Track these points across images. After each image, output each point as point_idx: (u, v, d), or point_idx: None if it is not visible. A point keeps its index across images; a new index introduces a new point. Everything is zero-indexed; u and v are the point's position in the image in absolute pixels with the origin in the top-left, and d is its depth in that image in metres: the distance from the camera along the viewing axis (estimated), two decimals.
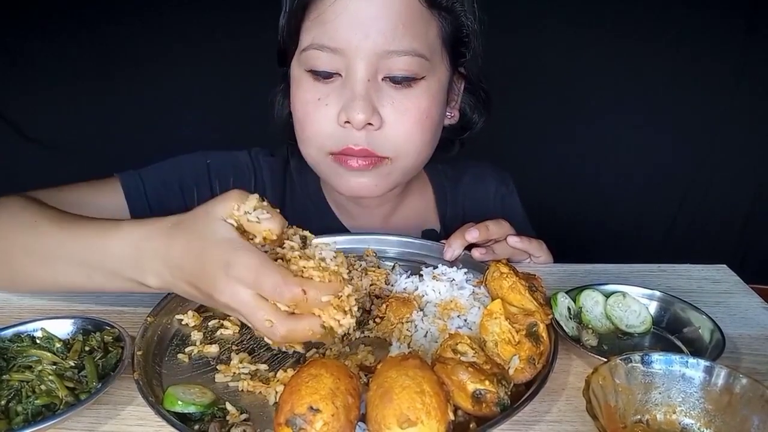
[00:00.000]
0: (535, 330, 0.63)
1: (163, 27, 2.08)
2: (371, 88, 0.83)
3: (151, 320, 0.72)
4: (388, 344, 0.70)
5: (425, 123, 0.88)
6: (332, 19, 0.81)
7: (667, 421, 0.56)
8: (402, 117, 0.85)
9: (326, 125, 0.86)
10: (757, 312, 0.79)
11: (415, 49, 0.82)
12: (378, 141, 0.86)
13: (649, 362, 0.56)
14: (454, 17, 0.87)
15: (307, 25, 0.84)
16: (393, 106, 0.84)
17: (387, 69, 0.83)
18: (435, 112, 0.89)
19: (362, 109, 0.81)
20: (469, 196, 1.15)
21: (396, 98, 0.84)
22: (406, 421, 0.48)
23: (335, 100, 0.84)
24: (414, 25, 0.82)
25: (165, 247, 0.62)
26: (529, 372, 0.61)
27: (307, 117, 0.87)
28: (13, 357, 0.64)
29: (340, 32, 0.80)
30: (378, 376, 0.52)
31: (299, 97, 0.88)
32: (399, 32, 0.80)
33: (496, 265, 0.72)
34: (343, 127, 0.85)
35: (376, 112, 0.83)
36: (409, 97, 0.85)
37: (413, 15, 0.82)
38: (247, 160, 1.05)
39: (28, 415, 0.57)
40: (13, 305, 0.80)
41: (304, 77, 0.86)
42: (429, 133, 0.90)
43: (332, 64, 0.83)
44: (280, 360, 0.68)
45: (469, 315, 0.73)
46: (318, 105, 0.85)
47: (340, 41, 0.81)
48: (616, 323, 0.74)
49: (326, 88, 0.85)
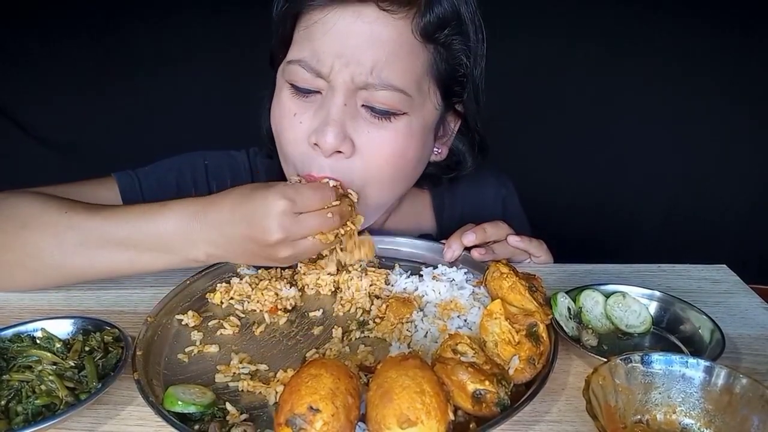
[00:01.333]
0: (535, 330, 0.63)
1: (164, 30, 2.09)
2: (347, 114, 0.78)
3: (151, 320, 0.72)
4: (388, 344, 0.70)
5: (397, 162, 0.82)
6: (319, 37, 0.77)
7: (667, 421, 0.56)
8: (374, 150, 0.80)
9: (297, 144, 0.82)
10: (757, 312, 0.79)
11: (395, 84, 0.76)
12: (343, 171, 0.80)
13: (649, 362, 0.56)
14: (450, 54, 0.82)
15: (296, 37, 0.81)
16: (368, 136, 0.79)
17: (366, 98, 0.78)
18: (412, 151, 0.83)
19: (333, 134, 0.76)
20: (468, 202, 1.13)
21: (372, 129, 0.79)
22: (406, 421, 0.48)
23: (310, 119, 0.80)
24: (400, 59, 0.76)
25: (216, 213, 0.71)
26: (529, 372, 0.61)
27: (282, 131, 0.84)
28: (13, 357, 0.64)
29: (324, 54, 0.76)
30: (378, 376, 0.52)
31: (277, 109, 0.84)
32: (380, 65, 0.75)
33: (496, 265, 0.72)
34: (312, 149, 0.80)
35: (348, 140, 0.78)
36: (386, 130, 0.79)
37: (401, 48, 0.76)
38: (245, 160, 1.05)
39: (28, 415, 0.57)
40: (13, 305, 0.80)
41: (285, 88, 0.83)
42: (399, 173, 0.84)
43: (314, 82, 0.79)
44: (281, 359, 0.68)
45: (469, 315, 0.73)
46: (293, 121, 0.81)
47: (322, 63, 0.76)
48: (616, 323, 0.74)
49: (304, 104, 0.81)
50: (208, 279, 0.84)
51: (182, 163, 1.01)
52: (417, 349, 0.68)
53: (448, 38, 0.80)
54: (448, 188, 1.12)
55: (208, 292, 0.82)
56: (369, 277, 0.81)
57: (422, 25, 0.76)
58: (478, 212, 1.10)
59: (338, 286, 0.82)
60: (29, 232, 0.76)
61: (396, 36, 0.76)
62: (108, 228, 0.74)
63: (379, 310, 0.76)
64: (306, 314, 0.78)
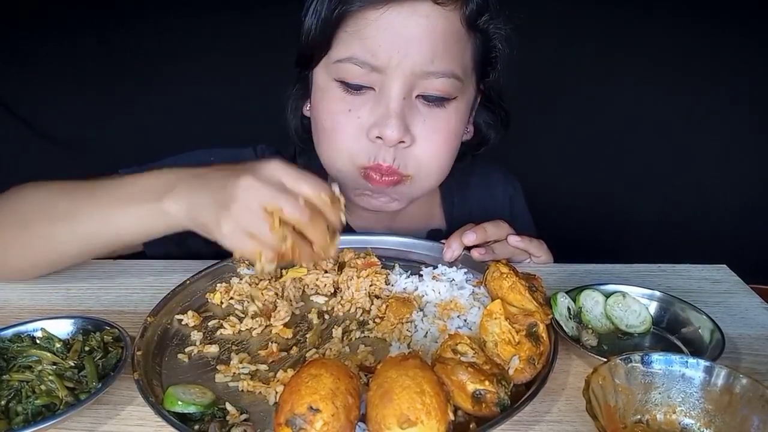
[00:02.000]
0: (535, 330, 0.63)
1: (171, 28, 2.09)
2: (405, 106, 0.82)
3: (151, 320, 0.72)
4: (388, 344, 0.70)
5: (452, 143, 0.89)
6: (373, 35, 0.79)
7: (667, 421, 0.56)
8: (432, 136, 0.85)
9: (356, 138, 0.85)
10: (757, 312, 0.79)
11: (453, 71, 0.82)
12: (405, 159, 0.86)
13: (649, 362, 0.56)
14: (487, 38, 0.87)
15: (342, 36, 0.82)
16: (424, 125, 0.84)
17: (422, 88, 0.82)
18: (461, 131, 0.91)
19: (396, 127, 0.80)
20: (477, 198, 1.15)
21: (428, 117, 0.84)
22: (406, 421, 0.48)
23: (367, 114, 0.83)
24: (453, 46, 0.81)
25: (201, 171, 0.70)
26: (529, 372, 0.61)
27: (337, 127, 0.86)
28: (13, 357, 0.64)
29: (380, 49, 0.79)
30: (378, 376, 0.52)
31: (328, 108, 0.86)
32: (438, 54, 0.80)
33: (496, 265, 0.72)
34: (372, 142, 0.84)
35: (408, 131, 0.83)
36: (440, 116, 0.85)
37: (453, 36, 0.81)
38: (253, 157, 1.05)
39: (28, 415, 0.57)
40: (13, 305, 0.81)
41: (333, 87, 0.84)
42: (453, 153, 0.91)
43: (367, 78, 0.81)
44: (281, 359, 0.68)
45: (469, 315, 0.73)
46: (349, 116, 0.84)
47: (380, 58, 0.79)
48: (616, 323, 0.74)
49: (357, 100, 0.83)
50: (208, 279, 0.84)
51: (189, 160, 1.02)
52: (417, 349, 0.68)
53: (485, 24, 0.85)
54: (458, 185, 1.14)
55: (207, 292, 0.82)
56: (369, 278, 0.81)
57: (467, 14, 0.81)
58: (487, 210, 1.13)
59: (338, 286, 0.82)
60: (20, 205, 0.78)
61: (448, 26, 0.80)
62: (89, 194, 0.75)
63: (379, 310, 0.76)
64: (305, 315, 0.78)
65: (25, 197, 0.80)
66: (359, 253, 0.88)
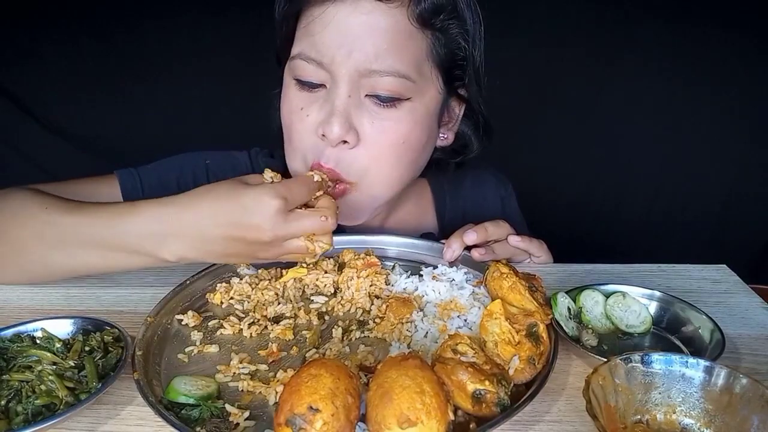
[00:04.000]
0: (535, 330, 0.63)
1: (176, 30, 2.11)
2: (352, 105, 0.81)
3: (151, 320, 0.72)
4: (388, 344, 0.70)
5: (400, 148, 0.84)
6: (319, 31, 0.79)
7: (667, 421, 0.56)
8: (378, 137, 0.82)
9: (306, 136, 0.85)
10: (757, 312, 0.79)
11: (399, 70, 0.79)
12: (347, 161, 0.83)
13: (649, 362, 0.56)
14: (448, 38, 0.84)
15: (297, 34, 0.83)
16: (372, 125, 0.82)
17: (369, 87, 0.80)
18: (415, 137, 0.85)
19: (338, 124, 0.79)
20: (470, 201, 1.14)
21: (376, 117, 0.82)
22: (406, 421, 0.48)
23: (316, 112, 0.83)
24: (401, 45, 0.79)
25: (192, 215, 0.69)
26: (529, 372, 0.61)
27: (290, 126, 0.86)
28: (13, 357, 0.64)
29: (325, 46, 0.79)
30: (378, 376, 0.52)
31: (285, 105, 0.87)
32: (383, 52, 0.78)
33: (496, 265, 0.72)
34: (321, 140, 0.83)
35: (353, 130, 0.81)
36: (390, 117, 0.82)
37: (401, 34, 0.79)
38: (246, 160, 1.06)
39: (28, 415, 0.57)
40: (13, 305, 0.80)
41: (291, 84, 0.85)
42: (403, 160, 0.86)
43: (317, 75, 0.81)
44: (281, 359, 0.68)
45: (469, 315, 0.73)
46: (300, 115, 0.84)
47: (324, 55, 0.79)
48: (616, 323, 0.74)
49: (310, 97, 0.84)
50: (208, 279, 0.84)
51: (184, 162, 1.02)
52: (417, 349, 0.68)
53: (444, 23, 0.83)
54: (450, 188, 1.13)
55: (208, 292, 0.82)
56: (369, 278, 0.81)
57: (417, 12, 0.79)
58: (479, 212, 1.11)
59: (338, 286, 0.82)
60: (15, 227, 0.77)
61: (393, 24, 0.79)
62: (82, 227, 0.73)
63: (379, 310, 0.76)
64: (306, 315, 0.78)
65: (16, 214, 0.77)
66: (359, 254, 0.88)
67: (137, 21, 2.11)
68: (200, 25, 2.10)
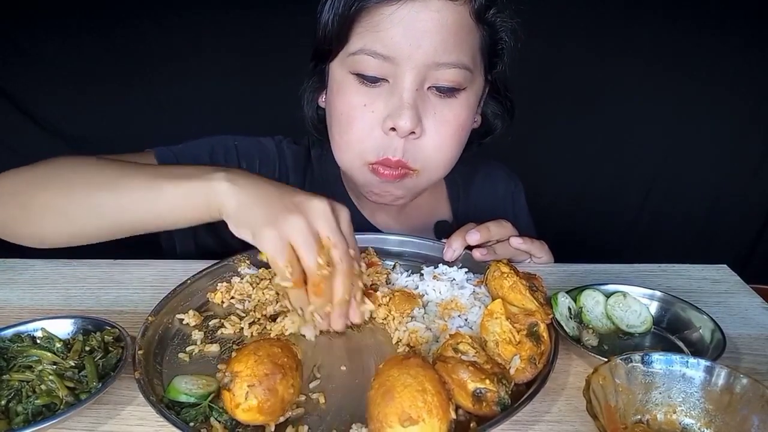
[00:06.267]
0: (535, 330, 0.63)
1: (176, 28, 2.10)
2: (418, 97, 0.84)
3: (151, 320, 0.72)
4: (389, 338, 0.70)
5: (460, 135, 0.90)
6: (387, 28, 0.81)
7: (667, 421, 0.56)
8: (441, 127, 0.87)
9: (370, 131, 0.86)
10: (757, 312, 0.79)
11: (463, 61, 0.84)
12: (413, 151, 0.87)
13: (650, 362, 0.56)
14: (494, 30, 0.89)
15: (358, 30, 0.84)
16: (435, 117, 0.86)
17: (434, 79, 0.84)
18: (469, 123, 0.92)
19: (409, 117, 0.82)
20: (481, 194, 1.17)
21: (438, 108, 0.86)
22: (408, 419, 0.48)
23: (381, 107, 0.85)
24: (463, 38, 0.84)
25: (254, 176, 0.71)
26: (530, 372, 0.61)
27: (352, 122, 0.87)
28: (13, 357, 0.64)
29: (393, 41, 0.81)
30: (380, 375, 0.52)
31: (344, 101, 0.88)
32: (449, 45, 0.82)
33: (497, 264, 0.72)
34: (386, 134, 0.85)
35: (420, 122, 0.85)
36: (451, 107, 0.87)
37: (462, 28, 0.83)
38: (272, 146, 1.08)
39: (28, 415, 0.57)
40: (13, 305, 0.80)
41: (349, 80, 0.86)
42: (460, 145, 0.92)
43: (381, 70, 0.83)
44: None
45: (470, 315, 0.73)
46: (364, 111, 0.86)
47: (392, 49, 0.81)
48: (616, 323, 0.74)
49: (372, 93, 0.85)
50: (209, 278, 0.84)
51: (214, 143, 1.04)
52: (418, 349, 0.68)
53: (493, 17, 0.88)
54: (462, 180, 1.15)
55: (208, 292, 0.82)
56: (370, 277, 0.81)
57: (476, 8, 0.84)
58: (491, 205, 1.15)
59: None
60: (63, 173, 0.77)
61: (459, 19, 0.83)
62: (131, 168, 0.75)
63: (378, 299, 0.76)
64: None
65: (65, 164, 0.79)
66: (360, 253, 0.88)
67: (136, 20, 2.11)
68: (200, 25, 2.09)
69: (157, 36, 2.11)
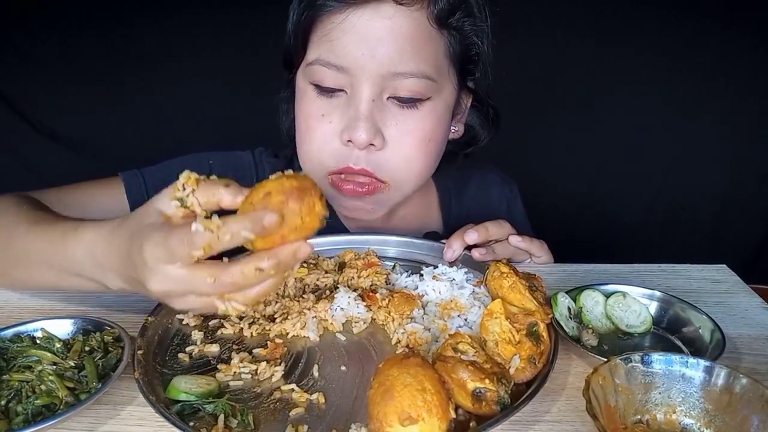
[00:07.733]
0: (535, 329, 0.63)
1: (172, 29, 2.10)
2: (375, 108, 0.82)
3: (151, 320, 0.72)
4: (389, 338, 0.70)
5: (428, 146, 0.87)
6: (339, 37, 0.79)
7: (667, 421, 0.56)
8: (405, 138, 0.84)
9: (328, 142, 0.85)
10: (757, 312, 0.79)
11: (422, 70, 0.81)
12: (378, 162, 0.85)
13: (649, 362, 0.56)
14: (463, 36, 0.86)
15: (313, 39, 0.83)
16: (397, 127, 0.83)
17: (392, 89, 0.82)
18: (438, 133, 0.88)
19: (365, 129, 0.80)
20: (475, 201, 1.15)
21: (400, 118, 0.83)
22: (408, 418, 0.48)
23: (339, 118, 0.83)
24: (422, 46, 0.81)
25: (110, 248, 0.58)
26: (530, 371, 0.61)
27: (309, 132, 0.86)
28: (13, 357, 0.64)
29: (346, 51, 0.79)
30: (379, 374, 0.52)
31: (303, 110, 0.87)
32: (406, 54, 0.79)
33: (497, 264, 0.72)
34: (345, 146, 0.84)
35: (379, 133, 0.82)
36: (413, 117, 0.84)
37: (421, 36, 0.80)
38: (250, 159, 1.06)
39: (28, 415, 0.57)
40: (13, 305, 0.80)
41: (309, 90, 0.85)
42: (430, 156, 0.89)
43: (337, 80, 0.82)
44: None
45: (470, 314, 0.73)
46: (321, 121, 0.85)
47: (346, 60, 0.80)
48: (616, 323, 0.74)
49: (330, 103, 0.84)
50: None
51: (186, 163, 1.00)
52: (418, 348, 0.68)
53: (459, 21, 0.84)
54: (455, 187, 1.14)
55: None
56: (369, 277, 0.81)
57: (435, 13, 0.81)
58: (484, 212, 1.12)
59: (338, 286, 0.82)
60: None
61: (414, 26, 0.80)
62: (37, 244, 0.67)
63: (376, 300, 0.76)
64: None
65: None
66: (360, 254, 0.88)
67: (134, 21, 2.10)
68: (198, 25, 2.09)
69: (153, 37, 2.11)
